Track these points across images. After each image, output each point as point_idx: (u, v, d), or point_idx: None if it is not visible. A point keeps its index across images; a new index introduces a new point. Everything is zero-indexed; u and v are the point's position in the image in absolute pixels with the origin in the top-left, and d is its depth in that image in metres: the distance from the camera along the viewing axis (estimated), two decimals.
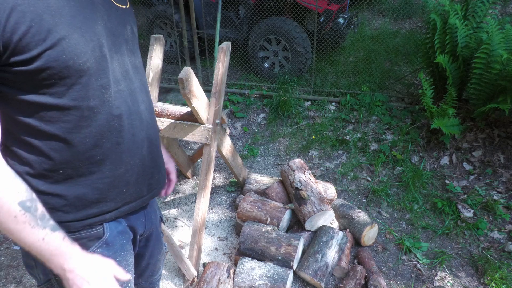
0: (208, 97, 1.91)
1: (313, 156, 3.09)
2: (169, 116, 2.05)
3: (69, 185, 0.84)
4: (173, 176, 1.27)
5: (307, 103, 3.69)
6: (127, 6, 0.93)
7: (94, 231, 0.91)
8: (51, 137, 0.78)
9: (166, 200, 2.70)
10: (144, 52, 4.75)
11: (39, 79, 0.72)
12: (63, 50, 0.72)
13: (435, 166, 2.87)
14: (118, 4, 0.89)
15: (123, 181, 0.92)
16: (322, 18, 3.79)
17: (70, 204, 0.85)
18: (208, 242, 2.34)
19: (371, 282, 1.95)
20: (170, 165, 1.26)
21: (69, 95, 0.76)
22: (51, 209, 0.83)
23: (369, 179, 2.83)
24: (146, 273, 1.24)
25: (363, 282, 1.99)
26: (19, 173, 0.79)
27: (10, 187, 0.69)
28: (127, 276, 0.89)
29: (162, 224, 1.29)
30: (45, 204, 0.80)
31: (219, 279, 1.91)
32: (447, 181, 2.72)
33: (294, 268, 2.01)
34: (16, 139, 0.78)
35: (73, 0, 0.74)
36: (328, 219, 2.23)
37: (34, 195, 0.74)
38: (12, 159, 0.80)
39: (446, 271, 2.13)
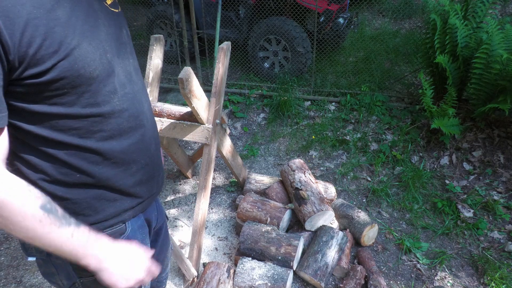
0: (208, 97, 1.91)
1: (313, 156, 3.10)
2: (169, 116, 2.05)
3: (86, 188, 0.86)
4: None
5: (307, 103, 3.69)
6: (119, 10, 0.95)
7: (117, 228, 0.94)
8: (64, 145, 0.80)
9: (166, 200, 2.70)
10: (144, 52, 4.75)
11: (52, 89, 0.73)
12: (75, 60, 0.73)
13: (435, 166, 2.87)
14: (112, 9, 0.90)
15: (137, 180, 0.94)
16: (322, 18, 3.79)
17: (90, 207, 0.87)
18: (208, 242, 2.34)
19: (371, 282, 1.95)
20: None
21: (80, 103, 0.78)
22: (72, 214, 0.84)
23: (369, 179, 2.83)
24: None
25: (363, 282, 1.99)
26: (34, 181, 0.81)
27: (28, 194, 0.70)
28: (151, 251, 0.94)
29: None
30: (65, 209, 0.81)
31: (219, 279, 1.91)
32: (447, 181, 2.72)
33: (294, 268, 2.01)
34: (30, 148, 0.79)
35: (78, 10, 0.76)
36: (328, 219, 2.23)
37: (49, 198, 0.75)
38: (27, 168, 0.80)
39: (446, 271, 2.13)
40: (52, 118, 0.76)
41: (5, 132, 0.72)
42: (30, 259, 0.91)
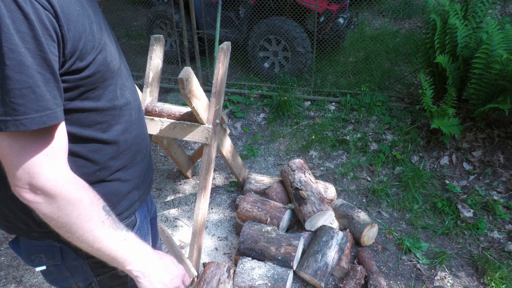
0: (208, 97, 1.92)
1: (313, 156, 3.10)
2: (169, 116, 2.05)
3: (103, 183, 0.87)
4: None
5: (307, 103, 3.70)
6: None
7: (130, 220, 0.96)
8: (88, 140, 0.81)
9: (166, 200, 2.70)
10: (144, 52, 4.75)
11: (87, 84, 0.75)
12: (106, 54, 0.77)
13: (435, 166, 2.87)
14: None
15: (141, 169, 0.98)
16: (322, 18, 3.79)
17: (108, 202, 0.88)
18: (208, 242, 2.34)
19: (371, 282, 1.95)
20: None
21: (105, 97, 0.81)
22: None
23: (369, 179, 2.83)
24: None
25: (363, 282, 1.99)
26: None
27: (93, 193, 0.72)
28: (192, 275, 0.95)
29: (162, 223, 1.33)
30: None
31: (219, 279, 1.91)
32: (447, 181, 2.72)
33: (294, 268, 2.02)
34: None
35: (95, 8, 0.80)
36: (328, 219, 2.24)
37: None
38: None
39: (446, 271, 2.13)
40: (82, 113, 0.78)
41: (64, 125, 0.72)
42: (39, 269, 0.89)
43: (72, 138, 0.78)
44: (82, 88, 0.75)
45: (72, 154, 0.80)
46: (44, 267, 0.90)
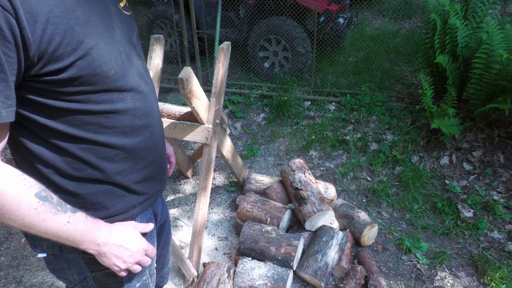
0: (208, 97, 1.92)
1: (313, 156, 3.10)
2: (169, 116, 2.05)
3: (95, 183, 0.87)
4: (173, 159, 1.36)
5: (307, 103, 3.69)
6: (130, 13, 0.98)
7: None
8: (78, 139, 0.82)
9: (166, 200, 2.70)
10: (144, 52, 4.75)
11: (69, 86, 0.75)
12: (93, 59, 0.76)
13: (435, 166, 2.87)
14: (125, 12, 0.93)
15: (142, 176, 0.96)
16: (322, 18, 3.79)
17: (100, 202, 0.89)
18: (208, 242, 2.34)
19: (371, 282, 1.95)
20: (169, 149, 1.34)
21: (95, 100, 0.80)
22: (82, 209, 0.86)
23: (369, 179, 2.83)
24: (157, 266, 1.27)
25: (363, 282, 1.99)
26: (46, 175, 0.83)
27: (22, 182, 0.72)
28: (150, 226, 0.99)
29: None
30: (75, 204, 0.84)
31: (219, 279, 1.91)
32: (447, 181, 2.72)
33: (294, 268, 2.02)
34: (43, 142, 0.80)
35: (96, 10, 0.79)
36: (328, 219, 2.23)
37: (44, 186, 0.76)
38: (39, 163, 0.82)
39: (446, 271, 2.13)
40: (69, 114, 0.78)
41: (8, 127, 0.73)
42: (40, 255, 0.92)
43: (61, 135, 0.79)
44: (64, 90, 0.75)
45: (61, 151, 0.81)
46: (45, 255, 0.92)
